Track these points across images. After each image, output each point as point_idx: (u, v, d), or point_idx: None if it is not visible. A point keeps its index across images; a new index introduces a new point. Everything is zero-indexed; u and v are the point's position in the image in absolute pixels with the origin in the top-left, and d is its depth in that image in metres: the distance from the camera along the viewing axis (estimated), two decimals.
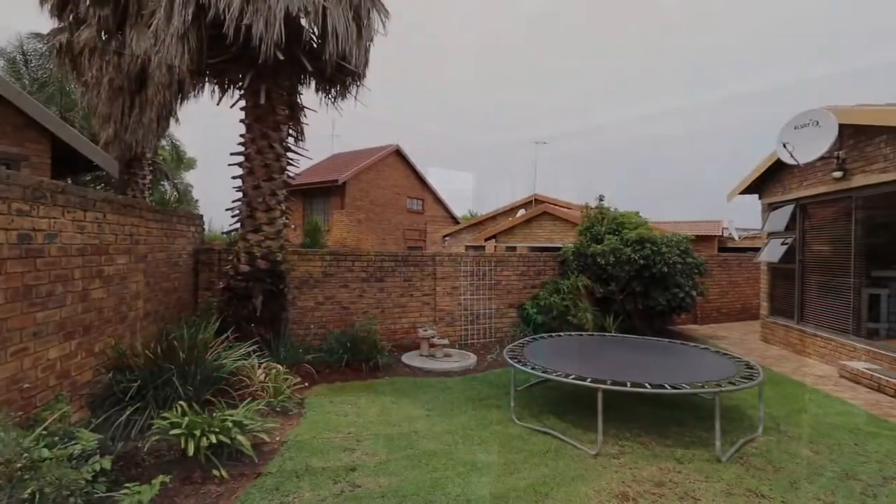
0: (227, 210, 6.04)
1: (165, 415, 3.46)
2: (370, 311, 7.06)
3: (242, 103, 6.04)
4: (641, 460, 3.50)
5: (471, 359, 6.49)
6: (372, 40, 6.07)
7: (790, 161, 6.79)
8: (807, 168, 7.15)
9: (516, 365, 4.35)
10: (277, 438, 3.83)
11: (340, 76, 6.25)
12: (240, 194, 6.01)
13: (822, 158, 6.45)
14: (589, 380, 3.78)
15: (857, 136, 6.22)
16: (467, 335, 7.71)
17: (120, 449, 3.26)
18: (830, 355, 6.63)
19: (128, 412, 3.59)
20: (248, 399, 4.14)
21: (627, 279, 7.99)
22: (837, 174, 6.45)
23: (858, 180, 6.17)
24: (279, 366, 4.90)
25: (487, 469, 3.36)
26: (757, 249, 9.13)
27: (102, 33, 9.09)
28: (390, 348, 6.55)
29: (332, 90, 6.76)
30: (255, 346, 5.10)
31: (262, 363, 4.85)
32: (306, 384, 5.22)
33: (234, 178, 6.04)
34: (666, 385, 3.66)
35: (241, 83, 5.95)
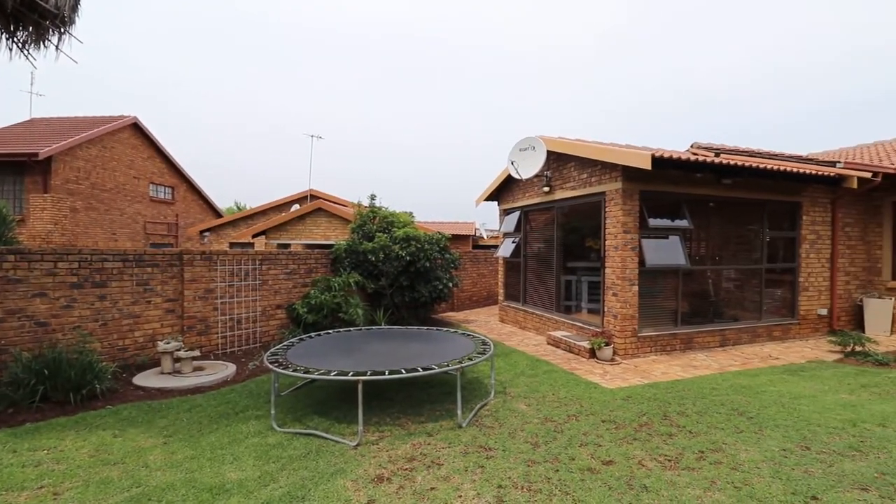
0: None
1: None
2: (85, 325, 5.52)
3: None
4: (398, 441, 3.74)
5: (229, 369, 5.79)
6: None
7: (516, 176, 8.43)
8: (528, 182, 9.01)
9: (277, 369, 4.08)
10: None
11: (31, 16, 4.66)
12: None
13: (537, 176, 8.22)
14: (351, 373, 3.83)
15: (558, 161, 8.16)
16: (226, 343, 6.87)
17: None
18: (542, 328, 8.53)
19: None
20: None
21: (396, 274, 8.53)
22: (546, 189, 8.33)
23: (559, 194, 8.11)
24: None
25: (238, 487, 3.03)
26: (497, 247, 11.02)
27: None
28: (116, 370, 5.28)
29: (21, 32, 5.00)
30: None
31: None
32: None
33: None
34: (419, 368, 4.03)
35: None
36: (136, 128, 17.09)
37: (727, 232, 8.23)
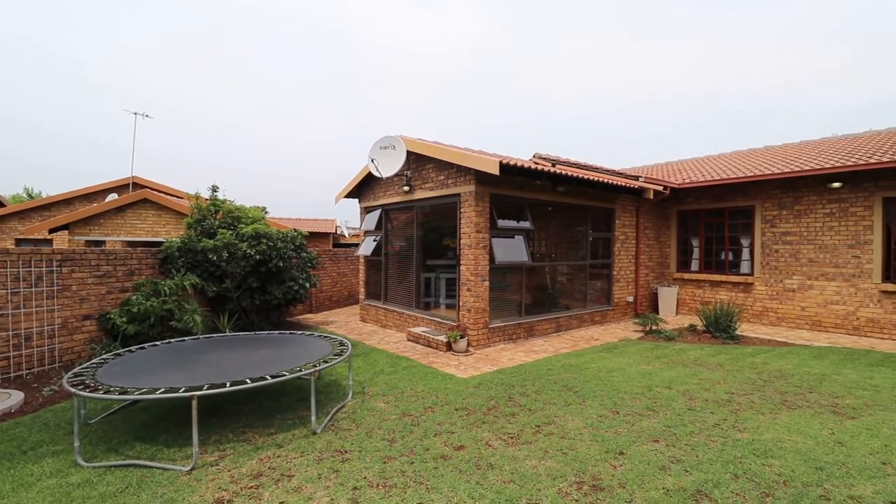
0: None
1: None
2: None
3: None
4: (242, 457, 3.39)
5: (13, 398, 4.59)
6: None
7: (377, 174, 8.38)
8: (389, 181, 9.04)
9: (81, 392, 3.35)
10: None
11: None
12: None
13: (397, 175, 8.28)
14: (182, 389, 3.35)
15: (418, 162, 8.35)
16: (10, 366, 5.42)
17: None
18: (403, 325, 8.65)
19: None
20: None
21: (244, 275, 7.78)
22: (406, 188, 8.46)
23: (418, 194, 8.30)
24: None
25: None
26: (359, 245, 10.83)
27: None
28: None
29: None
30: None
31: None
32: None
33: None
34: (267, 376, 3.72)
35: None
36: None
37: (561, 232, 9.43)
